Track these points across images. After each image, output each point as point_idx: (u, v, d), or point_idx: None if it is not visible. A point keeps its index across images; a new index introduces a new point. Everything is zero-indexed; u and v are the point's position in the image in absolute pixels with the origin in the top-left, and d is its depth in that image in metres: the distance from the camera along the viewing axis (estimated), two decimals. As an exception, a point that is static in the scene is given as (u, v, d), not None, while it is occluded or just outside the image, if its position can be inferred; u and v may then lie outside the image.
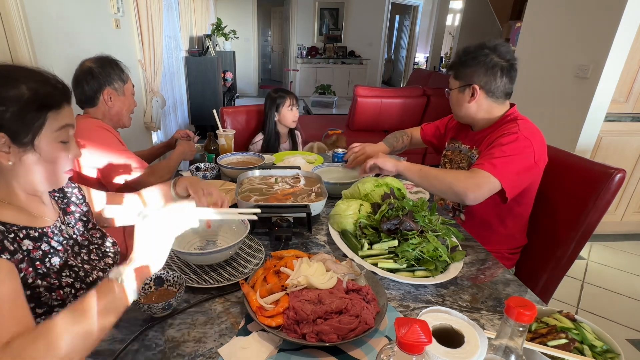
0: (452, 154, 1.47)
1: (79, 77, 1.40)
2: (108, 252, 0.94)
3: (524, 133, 1.17)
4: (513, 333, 0.52)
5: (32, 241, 0.74)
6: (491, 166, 1.14)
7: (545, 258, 1.30)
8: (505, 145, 1.16)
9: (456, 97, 1.32)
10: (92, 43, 2.25)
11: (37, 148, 0.72)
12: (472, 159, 1.33)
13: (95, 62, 1.41)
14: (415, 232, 1.00)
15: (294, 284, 0.80)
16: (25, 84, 0.70)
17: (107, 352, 0.71)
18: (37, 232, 0.77)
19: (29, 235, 0.74)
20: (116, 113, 1.48)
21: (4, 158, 0.70)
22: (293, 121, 2.04)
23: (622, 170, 1.18)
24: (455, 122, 1.55)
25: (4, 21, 1.53)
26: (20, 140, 0.70)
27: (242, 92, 8.10)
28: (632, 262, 2.57)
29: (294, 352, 0.72)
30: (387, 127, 3.95)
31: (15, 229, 0.72)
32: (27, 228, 0.75)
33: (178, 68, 4.46)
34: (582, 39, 2.51)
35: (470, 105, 1.28)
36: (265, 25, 10.07)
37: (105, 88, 1.41)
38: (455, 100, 1.33)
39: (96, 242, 0.93)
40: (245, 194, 1.26)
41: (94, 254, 0.90)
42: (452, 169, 1.44)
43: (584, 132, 2.51)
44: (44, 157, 0.74)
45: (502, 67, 1.21)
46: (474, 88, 1.25)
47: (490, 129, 1.30)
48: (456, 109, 1.34)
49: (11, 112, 0.68)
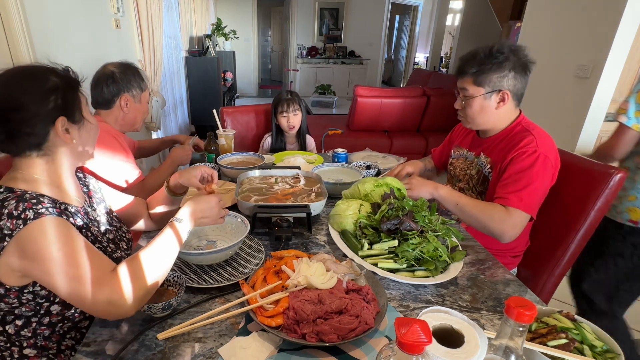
0: (457, 162, 1.45)
1: (100, 79, 1.41)
2: (124, 237, 1.03)
3: (543, 150, 1.15)
4: (513, 333, 0.52)
5: (72, 215, 0.85)
6: (519, 200, 1.13)
7: (545, 258, 1.30)
8: (527, 169, 1.14)
9: (480, 105, 1.23)
10: (92, 43, 2.25)
11: (87, 119, 0.86)
12: (483, 167, 1.30)
13: (118, 67, 1.43)
14: (415, 232, 1.00)
15: (294, 284, 0.80)
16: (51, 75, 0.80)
17: (107, 352, 0.71)
18: (74, 208, 0.86)
19: (68, 209, 0.84)
20: (130, 119, 1.49)
21: (68, 139, 0.81)
22: (289, 127, 2.02)
23: (622, 170, 1.18)
24: (458, 130, 1.54)
25: (4, 21, 1.53)
26: (75, 118, 0.83)
27: (242, 92, 8.10)
28: (632, 262, 2.57)
29: (294, 352, 0.72)
30: (387, 127, 3.95)
31: (59, 202, 0.82)
32: (66, 204, 0.85)
33: (178, 68, 4.46)
34: (582, 39, 2.51)
35: (498, 111, 1.23)
36: (265, 25, 10.07)
37: (124, 94, 1.43)
38: (479, 108, 1.24)
39: (115, 226, 1.01)
40: (245, 194, 1.26)
41: (113, 234, 0.99)
42: (460, 178, 1.42)
43: (584, 132, 2.51)
44: (93, 124, 0.89)
45: (524, 69, 1.19)
46: (505, 93, 1.20)
47: (501, 136, 1.28)
48: (479, 116, 1.26)
49: (61, 99, 0.79)
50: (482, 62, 1.19)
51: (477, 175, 1.33)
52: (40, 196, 0.76)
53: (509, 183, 1.17)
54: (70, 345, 0.88)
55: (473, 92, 1.23)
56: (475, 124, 1.30)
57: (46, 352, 0.84)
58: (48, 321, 0.81)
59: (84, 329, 0.89)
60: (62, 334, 0.85)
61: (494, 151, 1.28)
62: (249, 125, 2.32)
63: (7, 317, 0.79)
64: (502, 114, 1.25)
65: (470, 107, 1.25)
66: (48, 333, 0.83)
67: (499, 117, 1.26)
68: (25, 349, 0.82)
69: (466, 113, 1.28)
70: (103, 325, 0.77)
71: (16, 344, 0.81)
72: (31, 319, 0.80)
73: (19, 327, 0.80)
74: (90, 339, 0.73)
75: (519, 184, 1.14)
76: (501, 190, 1.18)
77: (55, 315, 0.81)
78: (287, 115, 1.98)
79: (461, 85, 1.26)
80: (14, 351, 0.82)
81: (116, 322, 0.78)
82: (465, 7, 6.42)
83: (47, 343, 0.84)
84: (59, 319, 0.82)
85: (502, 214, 1.14)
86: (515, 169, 1.17)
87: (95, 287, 0.70)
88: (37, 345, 0.83)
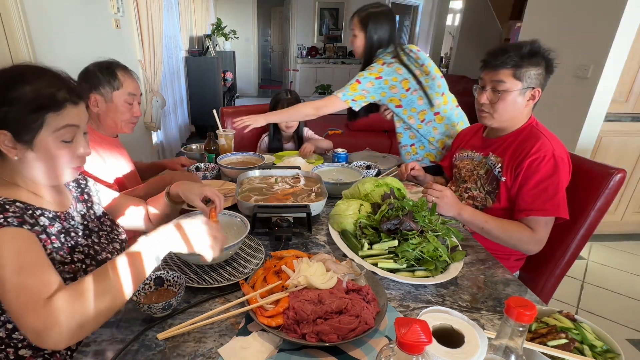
0: (462, 163, 1.45)
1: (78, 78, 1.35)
2: (116, 239, 1.00)
3: (557, 152, 1.16)
4: (513, 333, 0.52)
5: (48, 220, 0.80)
6: (556, 207, 1.13)
7: (545, 258, 1.30)
8: (552, 176, 1.14)
9: (514, 99, 1.20)
10: (92, 43, 2.25)
11: (36, 147, 0.76)
12: (493, 167, 1.29)
13: (94, 66, 1.35)
14: (415, 232, 1.00)
15: (294, 284, 0.80)
16: (30, 85, 0.73)
17: (107, 352, 0.71)
18: (52, 213, 0.82)
19: (44, 215, 0.80)
20: (108, 121, 1.37)
21: (11, 153, 0.75)
22: (286, 126, 2.02)
23: (622, 170, 1.18)
24: (461, 136, 1.54)
25: (4, 21, 1.53)
26: (22, 138, 0.75)
27: (242, 92, 8.10)
28: (632, 262, 2.57)
29: (294, 352, 0.72)
30: (387, 127, 3.95)
31: (33, 208, 0.78)
32: (42, 209, 0.80)
33: (178, 68, 4.46)
34: (582, 39, 2.51)
35: (524, 109, 1.22)
36: (265, 25, 10.07)
37: (92, 93, 1.32)
38: (512, 103, 1.20)
39: (105, 229, 0.99)
40: (245, 194, 1.26)
41: (103, 238, 0.96)
42: (466, 179, 1.41)
43: (584, 132, 2.52)
44: (43, 156, 0.77)
45: (551, 71, 1.19)
46: (537, 91, 1.19)
47: (512, 136, 1.27)
48: (507, 111, 1.22)
49: (14, 112, 0.72)
50: (524, 56, 1.16)
51: (486, 175, 1.32)
52: (9, 203, 0.73)
53: (539, 193, 1.16)
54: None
55: (511, 85, 1.19)
56: (500, 120, 1.26)
57: (41, 352, 0.84)
58: None
59: None
60: None
61: (506, 152, 1.26)
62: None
63: None
64: (525, 113, 1.25)
65: (504, 101, 1.21)
66: None
67: (522, 115, 1.25)
68: (20, 349, 0.82)
69: (496, 107, 1.23)
70: (103, 325, 0.77)
71: (11, 345, 0.81)
72: None
73: (10, 330, 0.80)
74: (90, 339, 0.73)
75: (549, 192, 1.14)
76: (534, 201, 1.16)
77: None
78: None
79: (496, 77, 1.21)
80: (10, 352, 0.81)
81: (116, 322, 0.78)
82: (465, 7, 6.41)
83: None
84: None
85: (530, 234, 1.16)
86: (540, 177, 1.16)
87: (23, 313, 0.63)
88: (32, 346, 0.82)
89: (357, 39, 1.73)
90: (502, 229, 1.18)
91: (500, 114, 1.24)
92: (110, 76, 1.35)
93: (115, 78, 1.35)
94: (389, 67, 1.65)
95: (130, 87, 1.37)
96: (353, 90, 1.67)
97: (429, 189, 1.17)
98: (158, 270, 0.86)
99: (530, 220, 1.17)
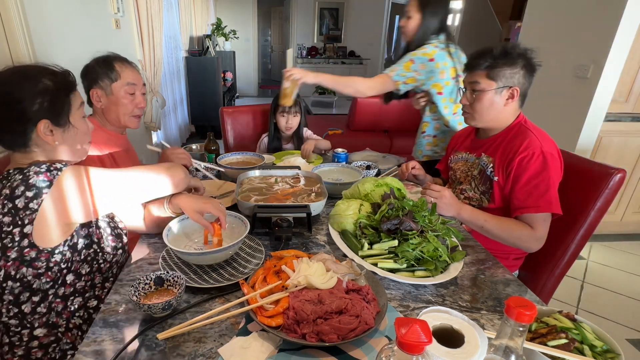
0: (457, 165, 1.45)
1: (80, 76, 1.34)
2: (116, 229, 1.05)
3: (546, 148, 1.16)
4: (513, 333, 0.52)
5: None
6: (549, 204, 1.14)
7: (545, 258, 1.30)
8: (543, 172, 1.15)
9: (490, 100, 1.22)
10: (92, 43, 2.25)
11: (73, 124, 0.90)
12: (485, 167, 1.30)
13: (93, 61, 1.34)
14: (415, 232, 1.00)
15: (294, 284, 0.80)
16: (44, 77, 0.84)
17: (107, 352, 0.71)
18: None
19: None
20: (112, 115, 1.36)
21: (51, 140, 0.86)
22: (286, 128, 2.02)
23: (622, 170, 1.18)
24: (455, 139, 1.54)
25: (4, 21, 1.53)
26: (60, 122, 0.87)
27: (242, 92, 8.10)
28: (632, 262, 2.57)
29: (294, 352, 0.72)
30: (387, 127, 3.95)
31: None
32: None
33: (178, 68, 4.46)
34: (582, 39, 2.51)
35: (505, 108, 1.24)
36: (265, 25, 10.06)
37: (92, 89, 1.32)
38: (489, 103, 1.23)
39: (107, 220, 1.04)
40: (245, 194, 1.26)
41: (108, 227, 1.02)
42: (461, 180, 1.41)
43: (584, 132, 2.52)
44: (80, 130, 0.92)
45: (532, 70, 1.20)
46: (515, 90, 1.20)
47: (501, 136, 1.28)
48: (487, 112, 1.25)
49: (48, 102, 0.83)
50: (497, 57, 1.19)
51: (479, 176, 1.33)
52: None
53: (531, 190, 1.16)
54: (77, 325, 0.92)
55: (485, 85, 1.22)
56: (482, 121, 1.29)
57: (55, 330, 0.88)
58: (63, 292, 0.88)
59: (91, 309, 0.94)
60: (72, 311, 0.90)
61: (496, 151, 1.28)
62: (249, 126, 2.33)
63: (22, 296, 0.82)
64: (508, 112, 1.26)
65: (480, 102, 1.24)
66: (61, 308, 0.88)
67: (504, 114, 1.26)
68: (36, 329, 0.85)
69: (474, 108, 1.27)
70: (103, 325, 0.77)
71: (27, 326, 0.85)
72: (48, 292, 0.85)
73: (36, 303, 0.84)
74: (90, 339, 0.73)
75: (540, 189, 1.15)
76: (527, 199, 1.17)
77: (69, 286, 0.89)
78: (286, 116, 1.98)
79: (472, 79, 1.25)
80: (24, 334, 0.84)
81: (116, 322, 0.78)
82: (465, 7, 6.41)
83: (58, 320, 0.88)
84: (71, 291, 0.90)
85: (529, 232, 1.16)
86: (530, 174, 1.16)
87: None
88: (49, 323, 0.87)
89: (412, 20, 1.70)
90: (501, 227, 1.19)
91: (479, 113, 1.27)
92: (108, 68, 1.33)
93: (112, 70, 1.33)
94: (442, 51, 1.65)
95: (129, 76, 1.35)
96: (406, 69, 1.65)
97: (428, 190, 1.18)
98: (158, 270, 0.86)
99: (527, 217, 1.18)
